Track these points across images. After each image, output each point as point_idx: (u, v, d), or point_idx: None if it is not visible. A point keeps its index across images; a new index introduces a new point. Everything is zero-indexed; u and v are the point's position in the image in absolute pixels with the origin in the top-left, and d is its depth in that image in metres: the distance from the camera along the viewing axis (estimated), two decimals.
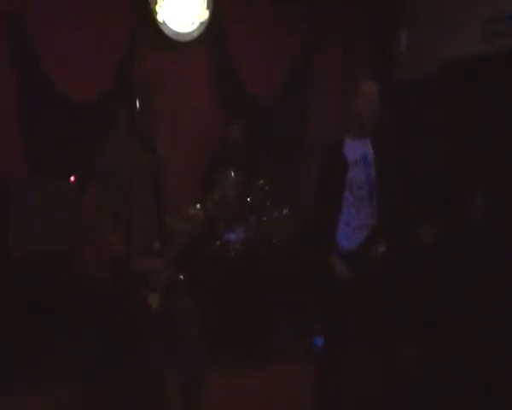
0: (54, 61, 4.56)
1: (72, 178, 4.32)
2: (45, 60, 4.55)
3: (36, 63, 4.53)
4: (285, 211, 4.44)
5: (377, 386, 3.45)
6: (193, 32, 5.09)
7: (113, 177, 2.91)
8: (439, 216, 3.89)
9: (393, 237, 3.38)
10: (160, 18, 4.94)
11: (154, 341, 2.95)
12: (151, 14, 4.90)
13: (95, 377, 3.57)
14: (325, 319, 3.49)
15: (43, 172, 4.54)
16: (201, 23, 5.10)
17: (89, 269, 4.36)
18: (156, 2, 4.91)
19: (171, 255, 3.06)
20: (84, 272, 4.37)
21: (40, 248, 4.16)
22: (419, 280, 4.09)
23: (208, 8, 5.10)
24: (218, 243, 4.23)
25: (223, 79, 5.24)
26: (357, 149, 3.33)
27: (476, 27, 4.56)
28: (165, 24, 4.97)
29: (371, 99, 3.27)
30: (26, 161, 4.55)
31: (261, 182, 4.15)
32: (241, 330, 4.12)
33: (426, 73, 5.02)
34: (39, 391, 3.55)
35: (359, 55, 5.53)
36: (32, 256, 4.12)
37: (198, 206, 4.29)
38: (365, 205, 3.32)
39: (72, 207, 4.31)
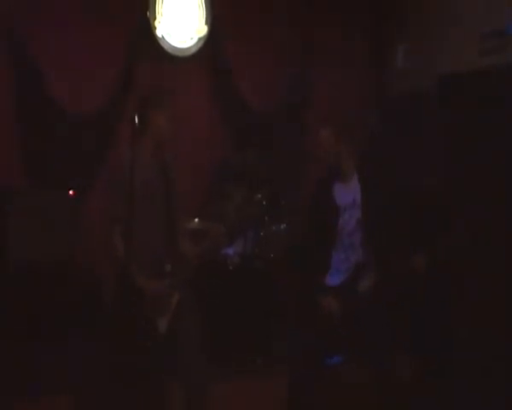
0: (53, 74, 4.58)
1: (71, 192, 4.32)
2: (44, 72, 4.56)
3: (35, 75, 4.53)
4: (283, 226, 4.44)
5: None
6: (191, 47, 5.12)
7: (122, 189, 2.84)
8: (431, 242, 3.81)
9: (384, 270, 3.31)
10: (158, 33, 4.97)
11: (156, 356, 2.96)
12: (150, 29, 4.94)
13: (95, 385, 3.56)
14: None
15: (43, 183, 4.54)
16: (200, 38, 5.13)
17: (90, 278, 4.38)
18: (155, 18, 4.96)
19: (183, 279, 3.05)
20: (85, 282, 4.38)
21: (39, 258, 4.13)
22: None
23: (207, 23, 5.14)
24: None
25: (222, 93, 5.27)
26: (346, 194, 3.20)
27: (474, 42, 4.60)
28: (164, 39, 5.01)
29: (336, 146, 3.15)
30: (26, 172, 4.55)
31: (259, 196, 4.15)
32: (239, 342, 4.12)
33: (424, 87, 5.05)
34: (38, 399, 3.54)
35: (357, 72, 5.57)
36: (30, 266, 4.10)
37: (196, 220, 4.34)
38: (355, 249, 3.22)
39: (72, 218, 4.31)
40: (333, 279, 3.22)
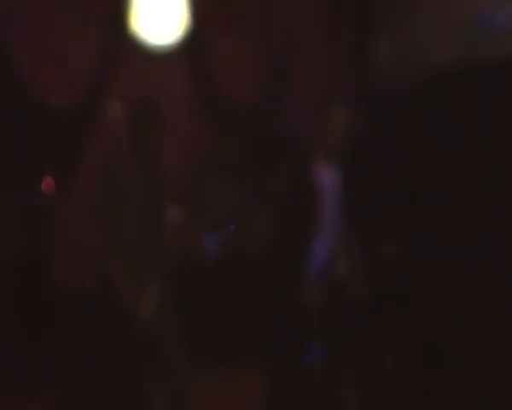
0: (28, 65, 4.54)
1: (45, 182, 4.25)
2: (17, 60, 4.52)
3: (10, 68, 4.50)
4: (260, 217, 4.40)
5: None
6: (169, 40, 5.06)
7: (112, 196, 2.86)
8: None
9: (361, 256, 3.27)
10: (135, 27, 4.90)
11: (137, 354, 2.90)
12: (126, 23, 4.87)
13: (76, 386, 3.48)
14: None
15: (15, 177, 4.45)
16: (178, 32, 5.07)
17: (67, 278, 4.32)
18: (131, 11, 4.88)
19: (166, 275, 3.00)
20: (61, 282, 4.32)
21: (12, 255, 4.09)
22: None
23: (185, 16, 5.08)
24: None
25: (202, 86, 5.24)
26: (327, 177, 3.11)
27: (458, 37, 4.57)
28: (141, 33, 4.93)
29: (343, 127, 3.06)
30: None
31: (239, 187, 4.14)
32: (224, 335, 4.08)
33: (404, 84, 5.02)
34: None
35: (336, 67, 5.53)
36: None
37: (174, 211, 4.28)
38: (335, 236, 3.14)
39: (47, 214, 4.26)
40: (313, 267, 3.15)
